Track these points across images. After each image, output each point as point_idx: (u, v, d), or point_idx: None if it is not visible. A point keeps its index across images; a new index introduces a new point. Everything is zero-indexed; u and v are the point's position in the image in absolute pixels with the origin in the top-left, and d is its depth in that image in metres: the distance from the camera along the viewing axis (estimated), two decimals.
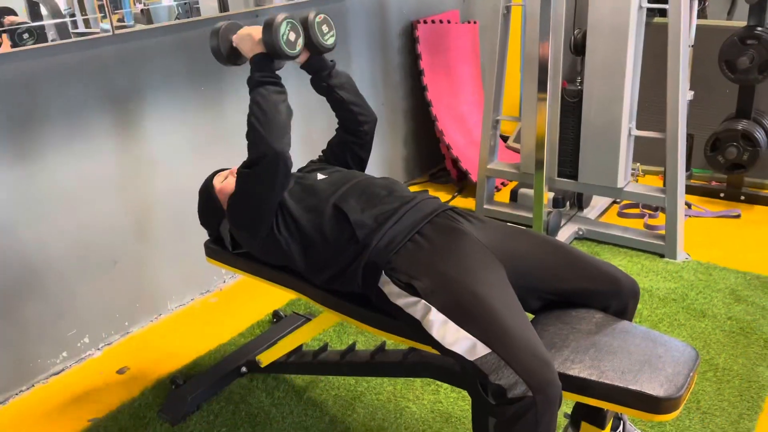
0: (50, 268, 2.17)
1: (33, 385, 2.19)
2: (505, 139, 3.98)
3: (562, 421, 1.76)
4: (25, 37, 1.90)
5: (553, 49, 2.61)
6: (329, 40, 1.71)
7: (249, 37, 1.64)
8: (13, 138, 2.00)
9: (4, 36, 1.87)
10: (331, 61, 1.79)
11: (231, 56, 1.71)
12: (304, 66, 1.78)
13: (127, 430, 1.94)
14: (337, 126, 1.89)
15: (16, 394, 2.14)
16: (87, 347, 2.34)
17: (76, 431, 1.95)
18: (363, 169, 1.90)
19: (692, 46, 2.77)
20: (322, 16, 1.70)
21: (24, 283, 2.11)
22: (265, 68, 1.61)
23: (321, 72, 1.78)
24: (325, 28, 1.70)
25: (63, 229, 2.18)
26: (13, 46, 1.90)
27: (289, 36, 1.57)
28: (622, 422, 1.65)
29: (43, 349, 2.20)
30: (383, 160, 3.53)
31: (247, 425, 1.93)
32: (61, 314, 2.23)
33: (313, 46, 1.69)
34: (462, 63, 3.74)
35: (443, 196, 3.51)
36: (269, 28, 1.56)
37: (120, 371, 2.24)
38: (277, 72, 1.64)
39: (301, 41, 1.61)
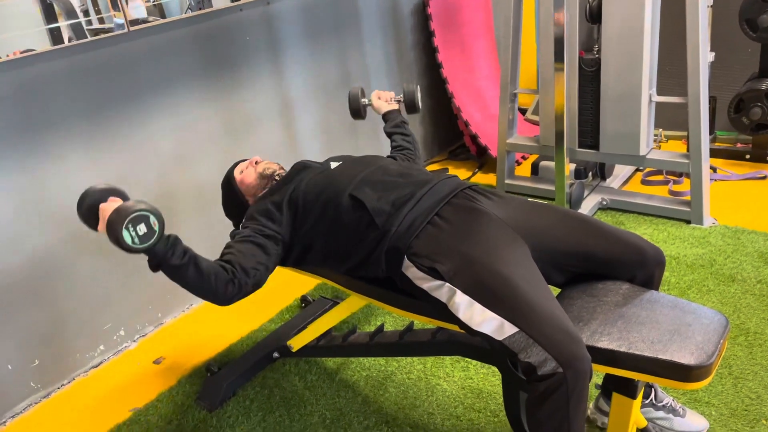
0: (83, 264, 2.22)
1: (74, 379, 2.25)
2: (523, 112, 3.95)
3: (593, 392, 1.78)
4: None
5: (568, 18, 2.58)
6: (419, 103, 2.14)
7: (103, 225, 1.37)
8: (40, 136, 2.04)
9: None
10: (404, 122, 2.15)
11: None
12: (385, 114, 2.16)
13: (167, 417, 1.99)
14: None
15: (58, 388, 2.22)
16: (123, 340, 2.40)
17: (118, 421, 2.01)
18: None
19: (711, 6, 2.71)
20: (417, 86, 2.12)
21: (58, 280, 2.17)
22: (145, 255, 1.39)
23: (395, 120, 2.13)
24: (419, 94, 2.13)
25: None
26: None
27: (138, 232, 1.32)
28: (653, 390, 1.66)
29: (81, 343, 2.27)
30: None
31: (283, 409, 1.97)
32: (96, 309, 2.29)
33: (413, 109, 2.13)
34: (476, 37, 3.70)
35: (463, 174, 3.50)
36: (112, 238, 1.32)
37: (156, 361, 2.30)
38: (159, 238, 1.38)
39: (154, 220, 1.34)
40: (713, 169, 3.08)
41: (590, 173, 3.02)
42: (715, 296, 2.22)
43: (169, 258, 1.38)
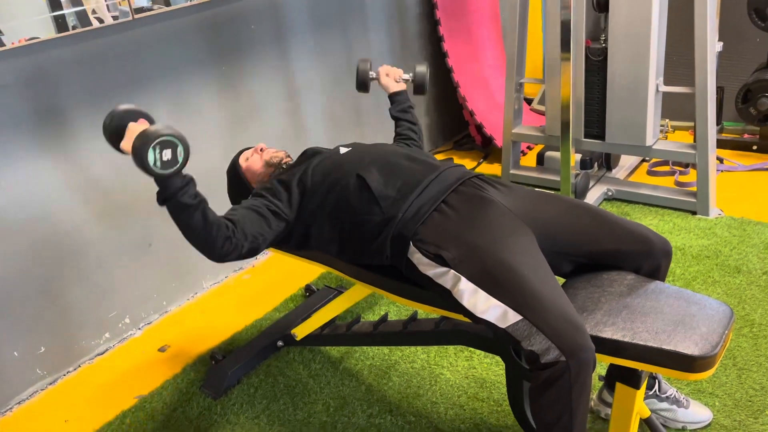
0: (88, 252, 2.23)
1: (79, 366, 2.27)
2: (529, 102, 3.93)
3: (597, 383, 1.78)
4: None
5: (575, 7, 2.56)
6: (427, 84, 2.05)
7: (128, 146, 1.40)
8: (45, 127, 2.04)
9: None
10: (411, 107, 2.08)
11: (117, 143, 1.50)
12: (392, 95, 2.07)
13: (172, 405, 2.01)
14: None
15: (64, 375, 2.23)
16: (128, 327, 2.41)
17: (124, 408, 2.02)
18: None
19: None
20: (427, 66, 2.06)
21: (64, 268, 2.18)
22: (159, 183, 1.39)
23: (403, 103, 2.07)
24: (427, 75, 2.04)
25: (98, 214, 2.23)
26: None
27: (162, 157, 1.33)
28: (657, 381, 1.66)
29: (86, 331, 2.28)
30: None
31: (287, 397, 1.98)
32: (101, 297, 2.30)
33: (421, 90, 2.04)
34: (482, 26, 3.68)
35: (469, 163, 3.49)
36: (136, 155, 1.33)
37: (161, 349, 2.31)
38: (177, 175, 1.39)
39: (181, 150, 1.35)
40: (720, 160, 3.06)
41: (596, 163, 3.01)
42: (721, 287, 2.21)
43: (181, 195, 1.37)
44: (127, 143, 1.40)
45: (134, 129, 1.40)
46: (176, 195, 1.37)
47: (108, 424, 1.96)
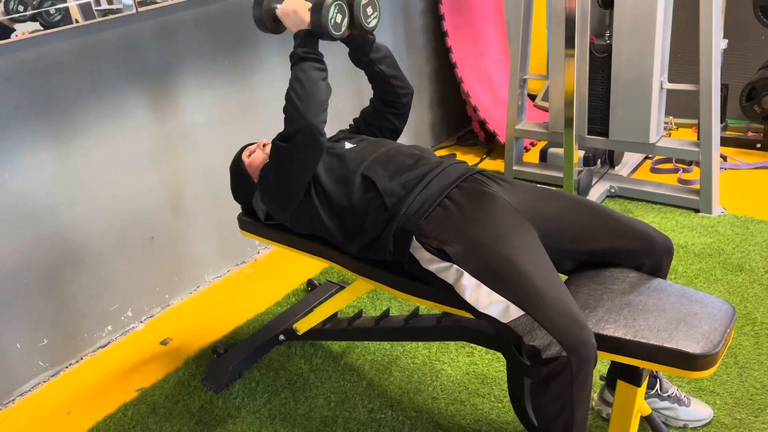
0: (91, 245, 2.24)
1: (81, 358, 2.28)
2: (532, 98, 3.92)
3: (598, 383, 1.78)
4: (52, 12, 1.92)
5: (580, 3, 2.55)
6: (372, 23, 1.70)
7: (294, 14, 1.63)
8: (48, 120, 2.04)
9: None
10: (371, 35, 1.76)
11: (274, 27, 1.74)
12: (345, 41, 1.76)
13: (174, 398, 2.01)
14: (371, 97, 1.89)
15: (66, 367, 2.24)
16: (130, 320, 2.41)
17: (125, 400, 2.03)
18: (396, 138, 1.91)
19: None
20: None
21: (67, 261, 2.18)
22: (308, 44, 1.61)
23: (362, 47, 1.77)
24: (369, 9, 1.69)
25: (101, 207, 2.23)
26: (45, 27, 1.92)
27: (336, 18, 1.58)
28: (658, 380, 1.66)
29: (89, 323, 2.29)
30: (409, 125, 3.48)
31: (288, 391, 1.98)
32: (103, 290, 2.31)
33: (355, 27, 1.69)
34: (486, 22, 3.67)
35: (471, 159, 3.49)
36: (318, 9, 1.57)
37: (163, 342, 2.32)
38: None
39: (346, 22, 1.62)
40: (723, 157, 3.05)
41: (599, 160, 3.00)
42: (723, 285, 2.21)
43: (320, 62, 1.60)
44: (301, 6, 1.61)
45: (295, 2, 1.64)
46: (321, 57, 1.61)
47: (110, 417, 1.97)
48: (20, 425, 2.01)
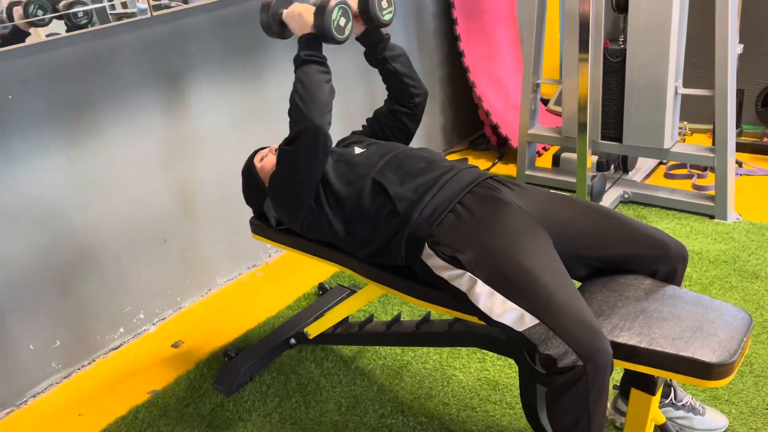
0: (104, 248, 2.25)
1: (94, 360, 2.29)
2: (545, 102, 3.90)
3: (611, 391, 1.76)
4: (80, 15, 1.95)
5: (594, 7, 2.53)
6: (387, 16, 1.71)
7: (299, 17, 1.65)
8: (62, 123, 2.06)
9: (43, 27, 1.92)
10: (386, 34, 1.80)
11: (280, 31, 1.75)
12: (360, 38, 1.79)
13: (185, 401, 2.02)
14: (385, 98, 1.89)
15: (79, 369, 2.25)
16: (142, 323, 2.42)
17: (137, 403, 2.03)
18: (408, 142, 1.90)
19: None
20: None
21: (80, 263, 2.20)
22: (311, 48, 1.64)
23: (377, 45, 1.79)
24: (384, 3, 1.70)
25: (114, 210, 2.24)
26: (70, 29, 1.95)
27: (339, 22, 1.59)
28: (672, 389, 1.65)
29: (101, 325, 2.30)
30: (421, 128, 3.46)
31: (299, 395, 1.98)
32: (116, 292, 2.32)
33: (370, 20, 1.70)
34: (499, 26, 3.66)
35: (483, 164, 3.48)
36: (321, 12, 1.58)
37: (175, 345, 2.32)
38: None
39: (350, 26, 1.64)
40: (739, 163, 3.02)
41: (612, 166, 2.98)
42: (738, 293, 2.19)
43: (324, 65, 1.62)
44: (306, 10, 1.63)
45: (300, 5, 1.66)
46: (322, 62, 1.62)
47: (121, 419, 1.98)
48: (33, 426, 2.02)
